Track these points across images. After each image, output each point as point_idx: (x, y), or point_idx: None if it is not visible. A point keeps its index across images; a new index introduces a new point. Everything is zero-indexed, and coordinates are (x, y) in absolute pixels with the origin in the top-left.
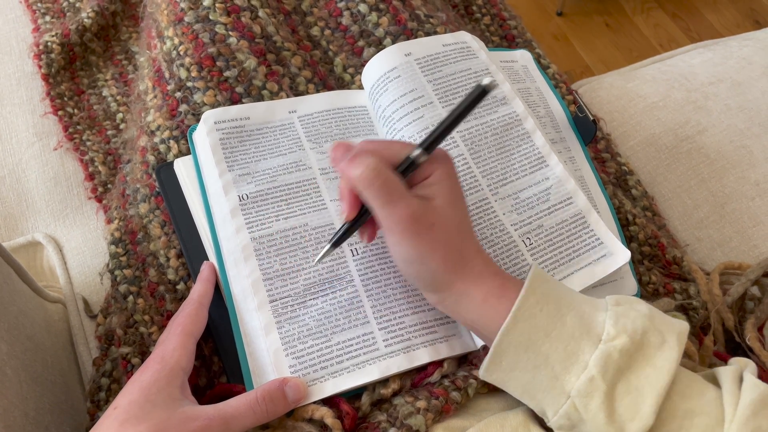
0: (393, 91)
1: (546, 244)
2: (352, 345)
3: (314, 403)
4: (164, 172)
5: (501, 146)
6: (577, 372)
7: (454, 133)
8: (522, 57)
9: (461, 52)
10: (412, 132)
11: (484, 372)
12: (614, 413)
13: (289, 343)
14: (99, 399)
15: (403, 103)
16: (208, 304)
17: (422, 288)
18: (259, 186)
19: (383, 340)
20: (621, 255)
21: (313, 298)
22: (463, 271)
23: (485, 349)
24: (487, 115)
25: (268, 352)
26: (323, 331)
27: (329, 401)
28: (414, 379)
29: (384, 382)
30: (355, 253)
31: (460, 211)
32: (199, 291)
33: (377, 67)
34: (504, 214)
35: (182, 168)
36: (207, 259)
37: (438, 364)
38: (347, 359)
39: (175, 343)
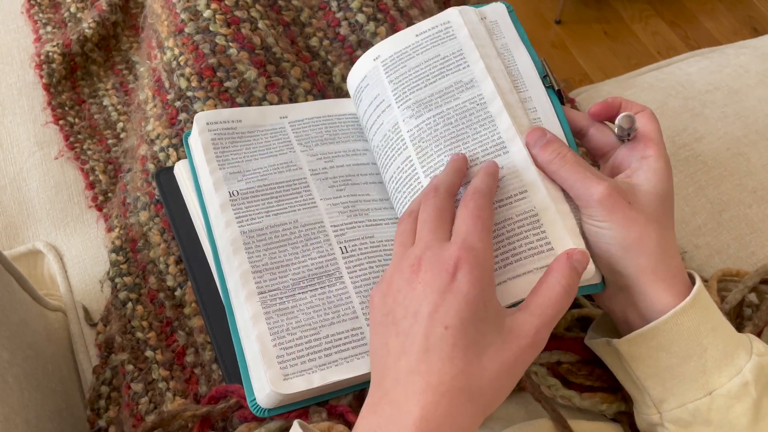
0: (365, 101)
1: None
2: (341, 339)
3: (329, 420)
4: (163, 176)
5: (454, 137)
6: (729, 374)
7: (405, 134)
8: (494, 11)
9: (435, 38)
10: (378, 141)
11: (624, 341)
12: (758, 423)
13: (277, 333)
14: (99, 407)
15: (371, 111)
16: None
17: (608, 272)
18: (250, 183)
19: None
20: None
21: (302, 292)
22: (657, 262)
23: None
24: (444, 105)
25: (257, 342)
26: (312, 323)
27: (335, 413)
28: None
29: None
30: (344, 250)
31: (666, 206)
32: (488, 184)
33: (353, 78)
34: None
35: (182, 171)
36: (206, 261)
37: None
38: (335, 352)
39: (486, 243)
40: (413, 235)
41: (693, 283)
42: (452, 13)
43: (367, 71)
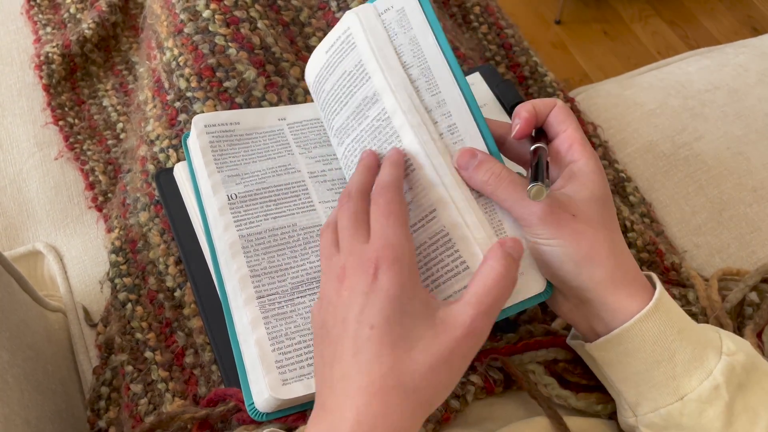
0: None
1: None
2: None
3: None
4: (163, 177)
5: None
6: (700, 377)
7: (341, 161)
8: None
9: (340, 52)
10: (335, 168)
11: (593, 346)
12: (731, 425)
13: (276, 338)
14: (99, 408)
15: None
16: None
17: (565, 288)
18: (248, 186)
19: None
20: None
21: (301, 297)
22: (613, 270)
23: (482, 352)
24: (358, 126)
25: (256, 346)
26: (310, 328)
27: None
28: None
29: None
30: None
31: (608, 209)
32: (393, 174)
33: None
34: None
35: (181, 172)
36: (205, 262)
37: None
38: None
39: (401, 237)
40: (336, 245)
41: (653, 285)
42: (350, 17)
43: (312, 90)
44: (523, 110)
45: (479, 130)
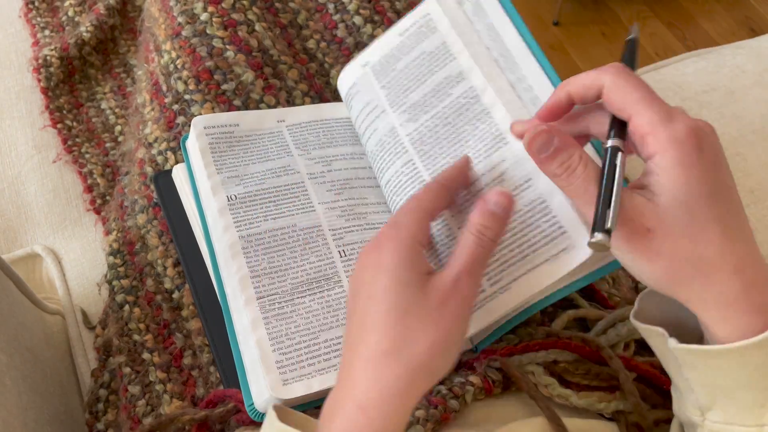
0: (356, 107)
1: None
2: (340, 343)
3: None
4: (162, 179)
5: (454, 136)
6: None
7: (404, 137)
8: None
9: (418, 35)
10: (372, 146)
11: (681, 349)
12: None
13: (276, 338)
14: (97, 410)
15: (363, 117)
16: (453, 188)
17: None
18: (248, 188)
19: None
20: (585, 248)
21: (301, 297)
22: (700, 292)
23: (481, 352)
24: (439, 104)
25: (256, 347)
26: (311, 328)
27: None
28: None
29: None
30: (342, 254)
31: (697, 215)
32: (444, 173)
33: (342, 85)
34: (452, 216)
35: (180, 174)
36: (204, 263)
37: None
38: (334, 357)
39: (409, 219)
40: None
41: None
42: (431, 3)
43: (356, 78)
44: (552, 98)
45: None
